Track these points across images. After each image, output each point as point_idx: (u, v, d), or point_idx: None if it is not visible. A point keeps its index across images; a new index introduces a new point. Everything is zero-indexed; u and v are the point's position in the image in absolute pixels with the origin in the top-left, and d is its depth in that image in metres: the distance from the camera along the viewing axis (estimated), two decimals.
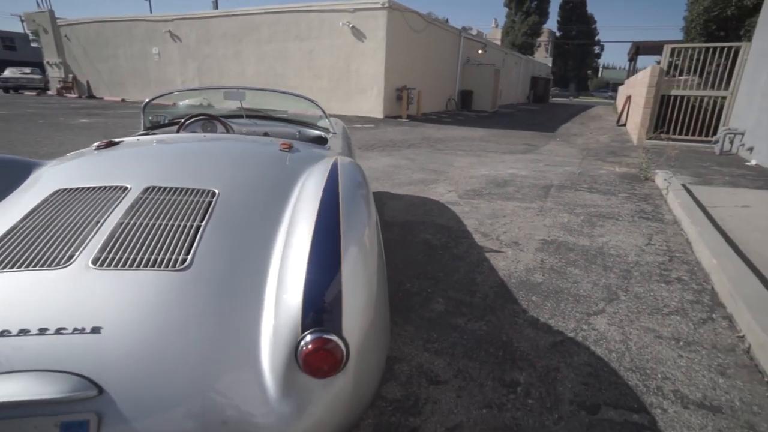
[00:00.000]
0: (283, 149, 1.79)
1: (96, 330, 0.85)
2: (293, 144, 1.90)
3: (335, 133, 2.79)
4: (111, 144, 1.79)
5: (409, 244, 2.92)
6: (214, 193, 1.29)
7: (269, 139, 2.03)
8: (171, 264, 1.01)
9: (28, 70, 21.85)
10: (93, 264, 0.98)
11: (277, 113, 3.19)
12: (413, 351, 1.75)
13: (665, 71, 8.43)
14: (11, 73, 20.61)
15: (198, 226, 1.14)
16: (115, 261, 1.00)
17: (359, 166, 1.70)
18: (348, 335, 0.91)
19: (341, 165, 1.54)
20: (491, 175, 5.32)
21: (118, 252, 1.02)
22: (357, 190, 1.39)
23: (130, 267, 0.98)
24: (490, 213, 3.71)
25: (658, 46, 14.10)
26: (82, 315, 0.87)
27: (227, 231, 1.15)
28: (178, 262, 1.02)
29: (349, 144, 3.12)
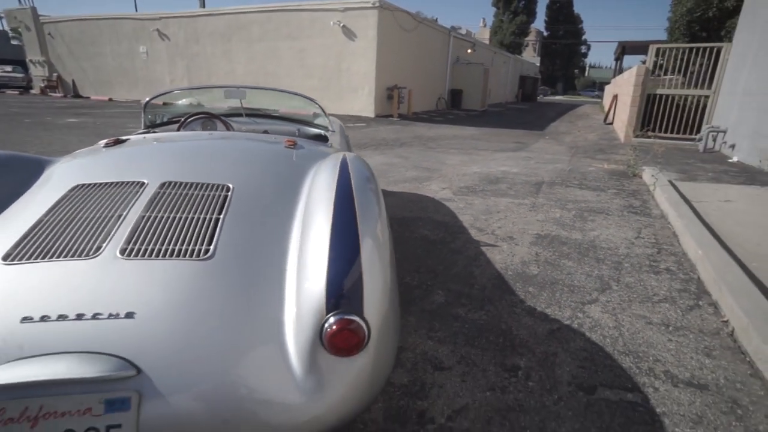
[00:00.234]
0: (288, 146, 1.84)
1: (130, 315, 0.90)
2: (297, 141, 1.96)
3: (334, 131, 2.84)
4: (119, 141, 1.82)
5: (408, 239, 2.99)
6: (228, 188, 1.34)
7: (274, 137, 2.08)
8: (195, 254, 1.06)
9: (9, 68, 21.39)
10: (121, 254, 1.03)
11: (276, 112, 3.23)
12: (417, 340, 1.82)
13: (651, 71, 8.64)
14: None
15: (217, 218, 1.20)
16: (141, 251, 1.04)
17: (366, 162, 1.76)
18: (369, 317, 0.98)
19: (350, 161, 1.60)
20: (484, 173, 5.42)
21: (143, 243, 1.07)
22: (367, 184, 1.45)
23: (156, 257, 1.03)
24: (484, 209, 3.80)
25: (643, 46, 14.38)
26: (114, 302, 0.92)
27: (245, 223, 1.21)
28: (201, 252, 1.07)
29: (348, 141, 3.17)
